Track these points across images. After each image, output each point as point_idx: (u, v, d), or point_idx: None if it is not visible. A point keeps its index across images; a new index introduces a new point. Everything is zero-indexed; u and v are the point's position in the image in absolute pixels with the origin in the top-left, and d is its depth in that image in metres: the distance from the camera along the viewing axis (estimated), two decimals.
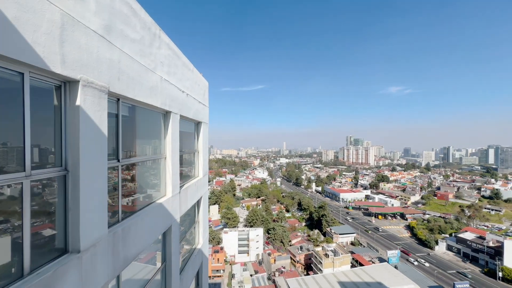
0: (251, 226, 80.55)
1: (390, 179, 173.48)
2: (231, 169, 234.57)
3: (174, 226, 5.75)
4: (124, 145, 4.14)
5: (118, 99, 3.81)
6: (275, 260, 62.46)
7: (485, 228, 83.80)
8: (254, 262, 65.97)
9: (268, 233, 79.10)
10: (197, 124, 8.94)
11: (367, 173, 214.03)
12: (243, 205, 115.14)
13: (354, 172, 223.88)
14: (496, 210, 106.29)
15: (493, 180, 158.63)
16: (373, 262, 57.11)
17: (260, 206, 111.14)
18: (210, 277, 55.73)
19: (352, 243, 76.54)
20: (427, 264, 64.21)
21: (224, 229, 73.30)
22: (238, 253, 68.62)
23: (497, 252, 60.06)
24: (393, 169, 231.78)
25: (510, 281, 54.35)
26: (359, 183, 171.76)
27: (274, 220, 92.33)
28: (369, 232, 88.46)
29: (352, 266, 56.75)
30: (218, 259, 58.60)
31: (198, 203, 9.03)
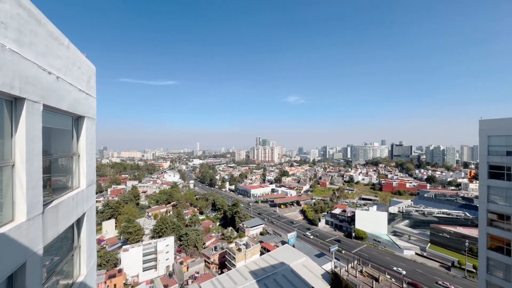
0: (160, 236, 72.18)
1: (290, 173, 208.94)
2: (133, 175, 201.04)
3: (31, 264, 4.01)
4: None
5: None
6: (188, 268, 59.03)
7: (346, 203, 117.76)
8: (163, 276, 59.31)
9: (180, 240, 73.70)
10: (77, 119, 6.79)
11: (273, 170, 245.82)
12: (150, 214, 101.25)
13: (262, 169, 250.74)
14: (351, 190, 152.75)
15: (350, 169, 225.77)
16: (277, 246, 65.93)
17: (171, 212, 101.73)
18: None
19: (261, 233, 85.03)
20: (312, 237, 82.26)
21: (124, 247, 61.24)
22: (143, 270, 59.51)
23: (352, 219, 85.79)
24: (292, 165, 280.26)
25: (358, 237, 79.24)
26: (266, 179, 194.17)
27: (186, 225, 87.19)
28: (272, 218, 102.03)
29: (262, 253, 63.04)
30: (114, 285, 48.35)
31: (79, 222, 6.88)
